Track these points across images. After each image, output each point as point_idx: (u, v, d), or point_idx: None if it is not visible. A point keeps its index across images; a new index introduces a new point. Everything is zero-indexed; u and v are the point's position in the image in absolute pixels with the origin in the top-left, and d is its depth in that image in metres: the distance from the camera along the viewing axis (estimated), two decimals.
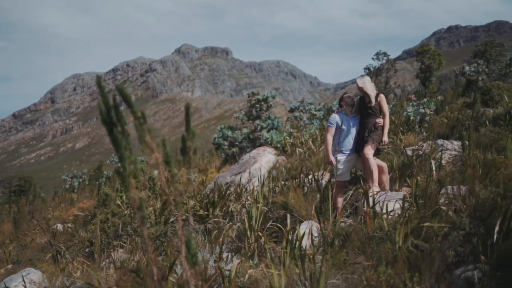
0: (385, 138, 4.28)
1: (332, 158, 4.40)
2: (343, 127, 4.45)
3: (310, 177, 5.19)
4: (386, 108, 4.36)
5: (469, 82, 11.01)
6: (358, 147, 4.34)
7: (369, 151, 4.15)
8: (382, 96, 4.40)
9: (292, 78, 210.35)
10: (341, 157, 4.41)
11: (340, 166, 4.39)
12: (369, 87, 4.38)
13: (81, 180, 17.35)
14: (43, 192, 16.71)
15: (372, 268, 2.49)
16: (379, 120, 4.34)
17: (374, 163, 4.14)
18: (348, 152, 4.42)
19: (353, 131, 4.44)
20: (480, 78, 11.13)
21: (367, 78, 4.48)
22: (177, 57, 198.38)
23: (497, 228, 2.34)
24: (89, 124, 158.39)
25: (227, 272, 3.14)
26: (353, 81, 14.55)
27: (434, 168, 3.87)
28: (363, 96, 4.43)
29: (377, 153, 4.42)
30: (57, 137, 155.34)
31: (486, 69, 11.25)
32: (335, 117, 4.56)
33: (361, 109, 4.43)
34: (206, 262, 3.08)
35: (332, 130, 4.50)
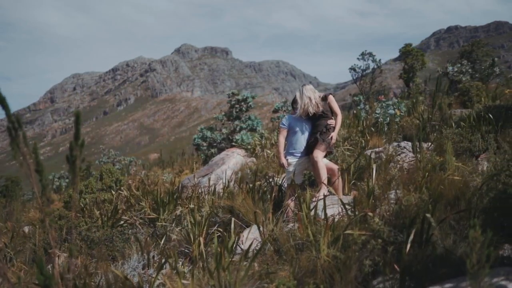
0: (334, 139, 4.16)
1: (283, 160, 4.28)
2: (296, 129, 4.33)
3: (270, 180, 5.08)
4: (336, 108, 4.25)
5: (452, 82, 10.89)
6: (309, 149, 4.22)
7: (318, 153, 4.02)
8: (330, 97, 4.30)
9: (291, 78, 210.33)
10: (293, 159, 4.29)
11: (291, 169, 4.27)
12: (305, 99, 4.25)
13: (67, 180, 17.20)
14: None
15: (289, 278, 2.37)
16: (331, 122, 4.23)
17: (323, 166, 4.02)
18: (300, 154, 4.29)
19: (306, 133, 4.32)
20: (463, 79, 10.99)
21: (307, 89, 4.31)
22: (177, 57, 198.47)
23: (411, 237, 2.22)
24: (88, 124, 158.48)
25: (157, 282, 3.02)
26: (353, 82, 14.24)
27: (374, 172, 3.74)
28: None
29: (328, 155, 4.30)
30: (56, 137, 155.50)
31: (470, 70, 11.12)
32: (288, 119, 4.43)
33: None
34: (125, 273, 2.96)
35: (284, 132, 4.38)
